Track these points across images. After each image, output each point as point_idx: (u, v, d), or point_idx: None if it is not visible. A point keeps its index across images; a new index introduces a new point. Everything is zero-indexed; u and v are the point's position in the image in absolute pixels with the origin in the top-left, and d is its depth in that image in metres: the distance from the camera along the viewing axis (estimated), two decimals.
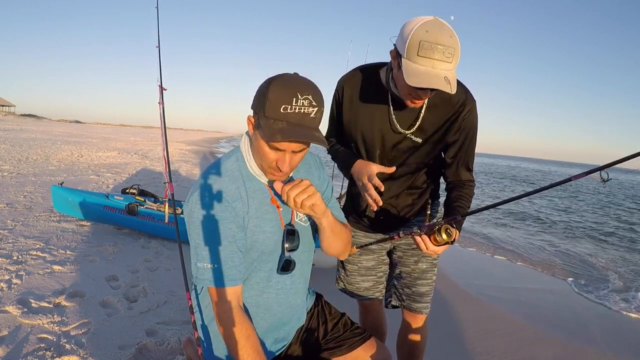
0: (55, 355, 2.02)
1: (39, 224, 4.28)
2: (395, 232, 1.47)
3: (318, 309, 1.48)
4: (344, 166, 1.60)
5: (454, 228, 1.32)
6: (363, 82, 1.51)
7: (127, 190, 4.34)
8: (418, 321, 1.72)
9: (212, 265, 1.13)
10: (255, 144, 1.14)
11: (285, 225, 1.24)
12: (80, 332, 2.27)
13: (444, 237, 1.29)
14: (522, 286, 4.59)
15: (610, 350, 3.10)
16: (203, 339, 1.30)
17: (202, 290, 1.32)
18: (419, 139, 1.48)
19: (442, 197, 1.69)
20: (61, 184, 4.29)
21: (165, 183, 3.11)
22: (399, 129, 1.47)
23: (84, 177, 7.76)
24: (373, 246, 1.73)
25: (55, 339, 2.16)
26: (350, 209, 1.74)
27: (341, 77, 1.58)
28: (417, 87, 1.21)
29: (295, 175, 1.29)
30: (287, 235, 1.23)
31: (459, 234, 1.39)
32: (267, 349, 1.29)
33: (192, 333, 1.35)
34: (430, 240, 1.33)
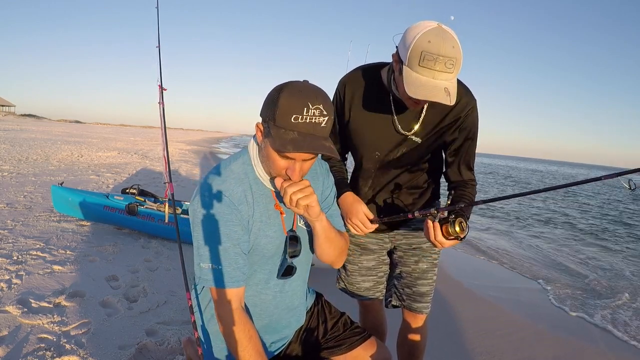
0: (55, 355, 2.02)
1: (39, 224, 4.27)
2: (410, 212, 1.43)
3: (318, 308, 1.48)
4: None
5: (467, 224, 1.30)
6: (364, 82, 1.51)
7: (127, 190, 4.34)
8: (418, 321, 1.72)
9: (216, 266, 1.13)
10: (264, 151, 1.13)
11: (287, 231, 1.25)
12: (80, 332, 2.27)
13: (457, 229, 1.26)
14: (522, 286, 4.59)
15: (611, 350, 3.11)
16: (203, 339, 1.30)
17: (203, 290, 1.32)
18: (419, 139, 1.48)
19: (442, 198, 1.69)
20: (61, 184, 4.29)
21: (165, 183, 3.11)
22: (400, 129, 1.47)
23: (84, 177, 7.76)
24: (373, 246, 1.73)
25: (55, 339, 2.16)
26: None
27: (342, 77, 1.57)
28: (415, 98, 1.21)
29: None
30: (290, 242, 1.23)
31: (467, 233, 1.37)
32: (265, 348, 1.29)
33: (192, 333, 1.35)
34: (442, 230, 1.29)
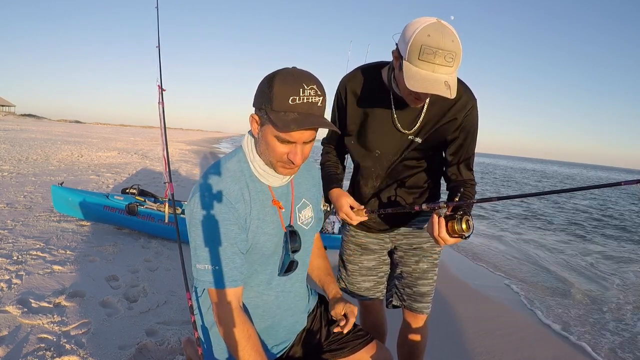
0: (55, 355, 2.02)
1: (39, 224, 4.27)
2: (417, 204, 1.40)
3: (320, 311, 1.48)
4: (323, 184, 1.70)
5: (473, 222, 1.28)
6: (365, 82, 1.51)
7: (127, 190, 4.34)
8: (419, 321, 1.72)
9: (213, 267, 1.12)
10: (263, 140, 1.13)
11: (286, 226, 1.24)
12: (80, 332, 2.27)
13: (463, 227, 1.24)
14: (521, 286, 4.59)
15: (611, 351, 3.11)
16: (203, 339, 1.30)
17: (203, 291, 1.32)
18: (419, 138, 1.48)
19: (442, 198, 1.68)
20: (61, 184, 4.29)
21: (165, 183, 3.11)
22: (401, 128, 1.47)
23: (84, 177, 7.76)
24: (374, 246, 1.73)
25: (55, 339, 2.16)
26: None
27: (343, 77, 1.58)
28: (416, 91, 1.21)
29: (300, 187, 1.32)
30: (290, 236, 1.23)
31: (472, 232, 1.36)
32: (267, 351, 1.29)
33: (192, 333, 1.35)
34: (447, 227, 1.27)
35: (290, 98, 1.04)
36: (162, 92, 2.72)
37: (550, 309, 3.88)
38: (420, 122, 1.46)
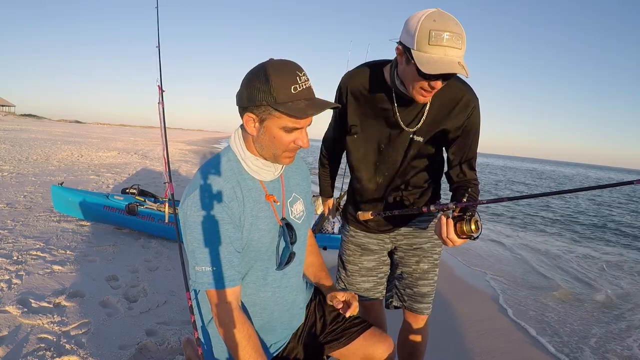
0: (55, 355, 2.02)
1: (39, 224, 4.27)
2: (424, 206, 1.40)
3: (315, 303, 1.48)
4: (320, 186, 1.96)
5: (481, 223, 1.27)
6: (367, 79, 1.51)
7: (127, 190, 4.34)
8: (419, 322, 1.72)
9: (212, 268, 1.12)
10: (266, 135, 1.13)
11: (280, 220, 1.25)
12: (80, 332, 2.27)
13: (472, 227, 1.24)
14: (522, 286, 4.59)
15: (610, 350, 3.11)
16: (203, 339, 1.30)
17: (201, 291, 1.32)
18: (421, 137, 1.48)
19: (442, 198, 1.68)
20: (61, 184, 4.29)
21: (165, 183, 3.11)
22: (403, 126, 1.47)
23: (84, 177, 7.76)
24: (374, 247, 1.73)
25: (55, 339, 2.16)
26: (351, 208, 1.74)
27: (344, 74, 1.58)
28: (433, 74, 1.20)
29: (290, 182, 1.32)
30: (287, 229, 1.24)
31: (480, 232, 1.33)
32: (265, 347, 1.29)
33: (192, 333, 1.35)
34: (456, 228, 1.26)
35: (292, 87, 1.07)
36: (162, 92, 2.72)
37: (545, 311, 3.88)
38: (422, 121, 1.46)
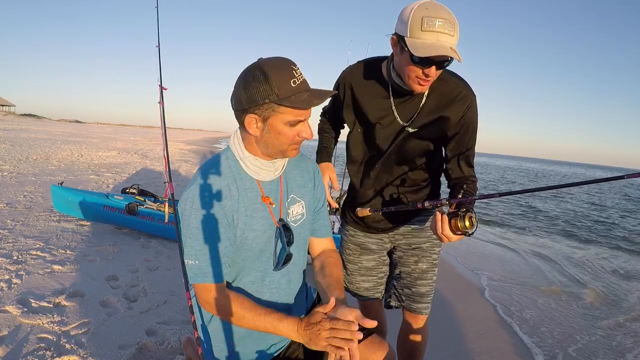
0: (55, 355, 2.02)
1: (39, 224, 4.27)
2: (420, 202, 1.40)
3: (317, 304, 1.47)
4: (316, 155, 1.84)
5: (476, 219, 1.27)
6: (365, 75, 1.53)
7: (127, 190, 4.34)
8: (419, 322, 1.72)
9: (199, 262, 1.16)
10: (271, 132, 1.14)
11: (277, 221, 1.26)
12: (80, 332, 2.27)
13: (467, 224, 1.24)
14: (522, 286, 4.59)
15: (611, 349, 3.11)
16: (203, 338, 1.30)
17: None
18: (418, 132, 1.49)
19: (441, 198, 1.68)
20: (61, 184, 4.29)
21: (165, 183, 3.11)
22: (399, 121, 1.48)
23: (84, 177, 7.76)
24: (373, 246, 1.73)
25: (55, 339, 2.16)
26: (351, 208, 1.74)
27: (343, 70, 1.60)
28: (426, 57, 1.22)
29: (291, 184, 1.32)
30: (284, 230, 1.25)
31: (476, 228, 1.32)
32: (265, 350, 1.29)
33: (192, 333, 1.35)
34: (450, 224, 1.26)
35: (291, 81, 1.09)
36: (162, 91, 2.72)
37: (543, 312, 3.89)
38: (419, 116, 1.47)
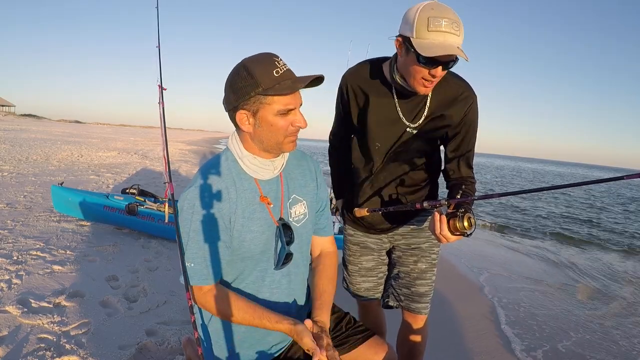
0: (55, 355, 2.02)
1: (39, 224, 4.27)
2: (419, 202, 1.40)
3: None
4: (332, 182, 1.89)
5: (475, 220, 1.27)
6: (367, 75, 1.53)
7: (127, 190, 4.34)
8: (418, 322, 1.72)
9: (195, 264, 1.17)
10: (263, 126, 1.15)
11: (277, 220, 1.25)
12: (80, 332, 2.27)
13: (465, 224, 1.24)
14: (523, 286, 4.59)
15: (609, 350, 3.11)
16: (203, 338, 1.30)
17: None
18: (421, 132, 1.49)
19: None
20: (61, 184, 4.29)
21: (165, 183, 3.11)
22: (404, 121, 1.48)
23: (84, 177, 7.76)
24: (372, 245, 1.74)
25: (55, 339, 2.16)
26: (350, 208, 1.74)
27: (345, 72, 1.60)
28: (434, 56, 1.22)
29: (292, 183, 1.31)
30: (284, 230, 1.25)
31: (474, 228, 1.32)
32: (266, 350, 1.29)
33: (192, 333, 1.35)
34: (449, 225, 1.26)
35: (274, 71, 1.10)
36: (162, 92, 2.72)
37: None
38: (422, 117, 1.47)
